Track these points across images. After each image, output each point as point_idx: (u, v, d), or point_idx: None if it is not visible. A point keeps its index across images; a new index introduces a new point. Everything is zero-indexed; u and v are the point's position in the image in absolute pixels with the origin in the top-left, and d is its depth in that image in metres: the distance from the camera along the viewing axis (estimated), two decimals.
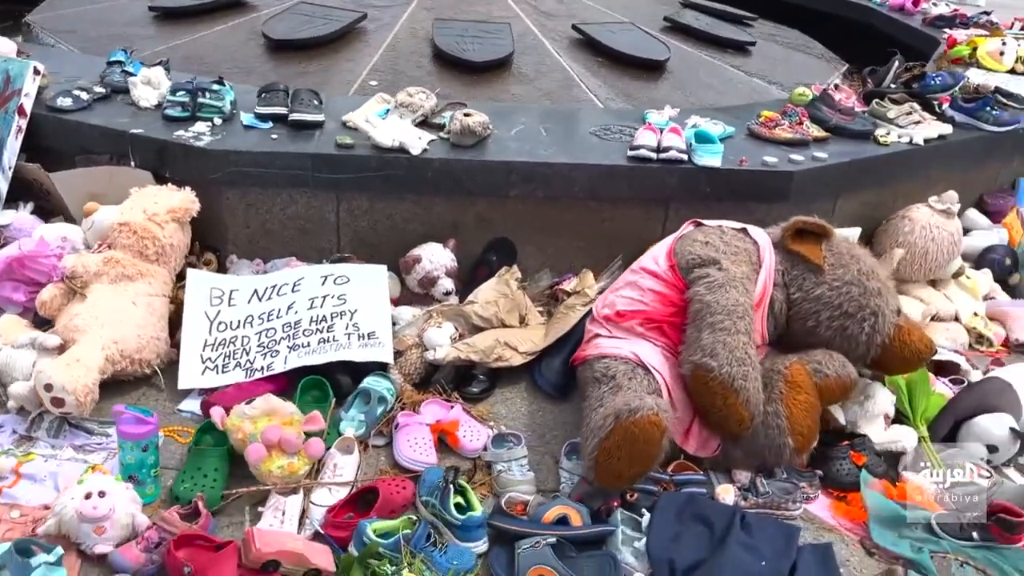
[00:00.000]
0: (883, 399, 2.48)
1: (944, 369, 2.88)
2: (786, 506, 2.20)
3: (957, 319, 3.21)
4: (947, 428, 2.50)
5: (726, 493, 2.21)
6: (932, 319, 3.17)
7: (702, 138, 2.90)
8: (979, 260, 3.55)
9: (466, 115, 2.85)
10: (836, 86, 3.73)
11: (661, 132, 2.93)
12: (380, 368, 2.50)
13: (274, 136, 2.82)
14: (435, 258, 2.79)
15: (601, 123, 3.18)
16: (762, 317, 2.39)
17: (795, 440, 2.22)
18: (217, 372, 2.48)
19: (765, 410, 2.24)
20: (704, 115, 3.29)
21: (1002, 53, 4.72)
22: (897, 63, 3.67)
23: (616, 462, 1.99)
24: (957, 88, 3.58)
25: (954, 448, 2.45)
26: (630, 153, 2.85)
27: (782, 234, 2.46)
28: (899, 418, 2.56)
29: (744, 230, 2.49)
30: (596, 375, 2.26)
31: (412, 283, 2.82)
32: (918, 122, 3.34)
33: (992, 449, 2.44)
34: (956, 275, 3.30)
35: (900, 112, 3.37)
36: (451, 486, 2.04)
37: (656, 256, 2.47)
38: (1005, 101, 3.93)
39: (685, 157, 2.85)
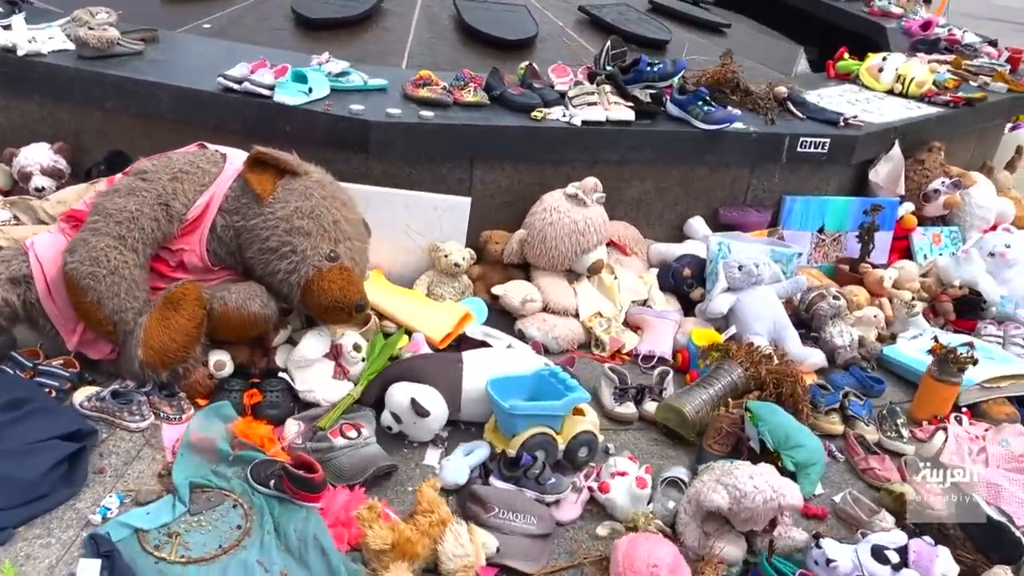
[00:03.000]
0: (307, 347, 2.37)
1: None
2: (121, 416, 2.19)
3: (577, 315, 2.95)
4: (376, 391, 2.35)
5: (81, 395, 2.24)
6: (546, 310, 2.94)
7: (296, 77, 2.89)
8: None
9: (89, 29, 3.03)
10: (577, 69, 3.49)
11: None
12: None
13: None
14: (31, 156, 2.98)
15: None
16: (200, 238, 2.38)
17: (145, 353, 2.20)
18: None
19: (138, 321, 2.24)
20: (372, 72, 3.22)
21: (881, 70, 4.21)
22: (610, 44, 3.38)
23: None
24: (676, 78, 3.25)
25: (362, 411, 2.31)
26: (217, 81, 2.90)
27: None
28: None
29: (225, 155, 2.48)
30: None
31: (14, 175, 3.03)
32: (592, 104, 3.09)
33: (397, 419, 2.26)
34: (595, 270, 3.02)
35: (579, 92, 3.14)
36: None
37: None
38: (792, 109, 3.56)
39: (266, 92, 2.85)
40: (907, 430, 2.62)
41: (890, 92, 4.17)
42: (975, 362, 2.66)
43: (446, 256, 2.92)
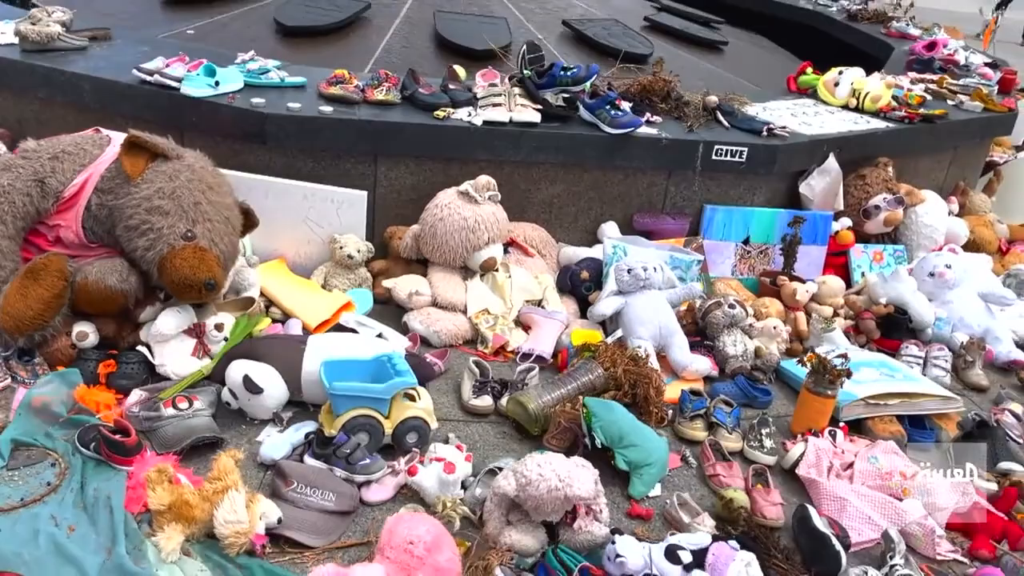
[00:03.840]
0: (163, 323, 2.46)
1: None
2: None
3: (466, 311, 2.98)
4: (224, 366, 2.42)
5: None
6: (436, 304, 2.98)
7: (207, 72, 3.02)
8: None
9: (32, 24, 3.24)
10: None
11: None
12: None
13: None
14: None
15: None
16: (76, 216, 2.51)
17: (1, 319, 2.33)
18: None
19: (2, 288, 2.37)
20: (293, 71, 3.34)
21: (837, 84, 4.13)
22: (525, 48, 3.40)
23: None
24: (588, 83, 3.26)
25: (210, 387, 2.40)
26: (132, 72, 3.05)
27: None
28: None
29: (111, 139, 2.62)
30: None
31: None
32: (497, 105, 3.13)
33: (234, 395, 2.34)
34: (487, 268, 3.04)
35: (487, 93, 3.18)
36: None
37: None
38: (720, 118, 3.52)
39: (175, 84, 2.99)
40: (772, 441, 2.55)
41: (845, 107, 4.08)
42: (849, 374, 2.58)
43: (341, 248, 3.00)
